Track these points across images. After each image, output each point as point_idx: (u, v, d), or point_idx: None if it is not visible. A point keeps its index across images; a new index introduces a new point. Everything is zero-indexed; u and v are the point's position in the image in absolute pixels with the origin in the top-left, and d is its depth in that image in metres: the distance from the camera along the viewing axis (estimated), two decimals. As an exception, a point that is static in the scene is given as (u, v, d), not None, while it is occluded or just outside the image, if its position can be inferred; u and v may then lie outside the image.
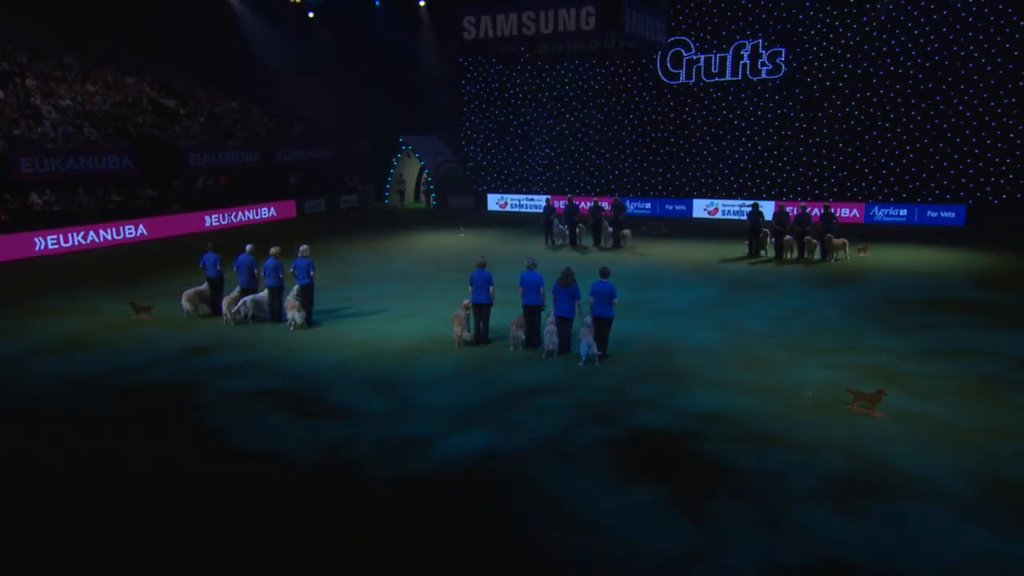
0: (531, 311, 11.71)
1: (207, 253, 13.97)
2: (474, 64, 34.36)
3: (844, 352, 11.41)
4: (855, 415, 8.85)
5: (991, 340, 11.90)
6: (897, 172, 27.11)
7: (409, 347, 11.91)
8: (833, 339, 12.11)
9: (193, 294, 13.97)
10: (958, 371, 10.44)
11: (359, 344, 12.15)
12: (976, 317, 13.30)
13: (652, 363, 10.96)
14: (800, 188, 28.71)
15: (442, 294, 15.77)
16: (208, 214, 27.04)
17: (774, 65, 28.42)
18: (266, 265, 13.35)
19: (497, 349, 11.79)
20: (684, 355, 11.34)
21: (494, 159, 35.01)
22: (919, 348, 11.53)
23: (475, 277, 11.88)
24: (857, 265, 18.46)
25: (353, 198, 34.68)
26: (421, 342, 12.19)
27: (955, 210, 25.66)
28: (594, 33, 15.41)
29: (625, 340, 12.00)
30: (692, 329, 12.85)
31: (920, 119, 26.48)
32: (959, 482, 7.19)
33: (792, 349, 11.57)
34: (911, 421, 8.69)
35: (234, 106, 33.54)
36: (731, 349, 11.64)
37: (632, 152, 31.79)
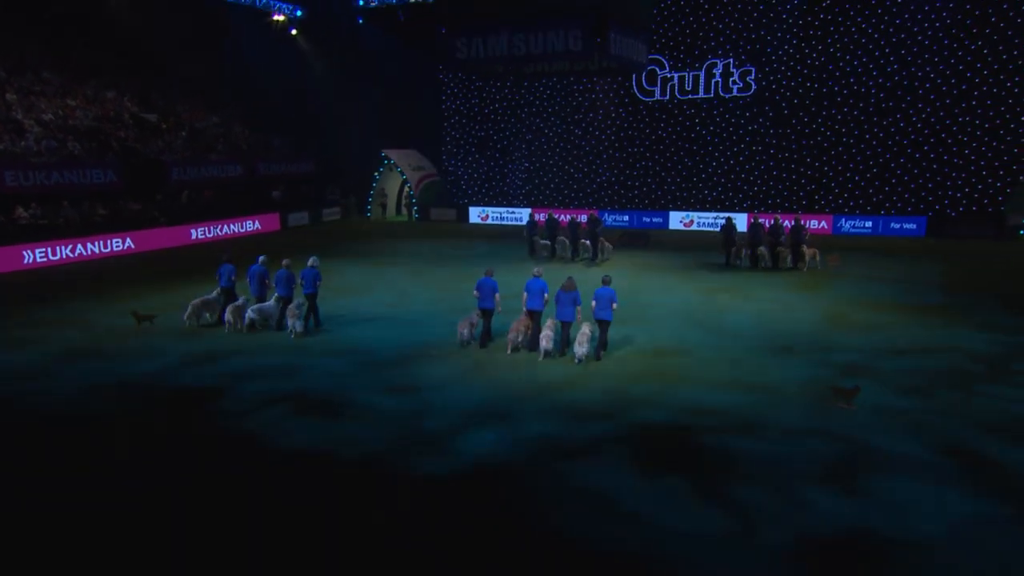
0: (535, 316, 12.48)
1: (224, 264, 14.42)
2: (455, 80, 35.01)
3: (820, 352, 12.17)
4: (835, 408, 9.58)
5: (951, 338, 12.84)
6: (862, 186, 28.37)
7: (411, 352, 12.38)
8: (809, 340, 12.87)
9: (199, 304, 14.39)
10: (924, 366, 11.31)
11: (361, 350, 12.59)
12: (937, 318, 14.25)
13: (644, 365, 11.59)
14: (771, 201, 29.82)
15: (433, 304, 16.29)
16: (194, 227, 27.18)
17: (745, 83, 29.57)
18: (278, 276, 13.80)
19: (496, 353, 12.34)
20: (673, 357, 11.98)
21: (475, 173, 35.59)
22: (888, 347, 12.35)
23: (482, 284, 12.60)
24: (828, 273, 19.37)
25: (336, 211, 34.96)
26: (422, 347, 12.66)
27: (916, 221, 26.93)
28: (581, 54, 16.20)
29: (617, 344, 12.67)
30: (679, 333, 13.50)
31: (882, 135, 27.81)
32: (935, 457, 8.06)
33: (773, 350, 12.30)
34: (886, 411, 9.47)
35: (215, 120, 33.64)
36: (716, 351, 12.31)
37: (610, 166, 32.64)
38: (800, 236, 19.91)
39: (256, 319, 13.79)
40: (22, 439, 9.07)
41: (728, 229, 20.84)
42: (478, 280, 12.76)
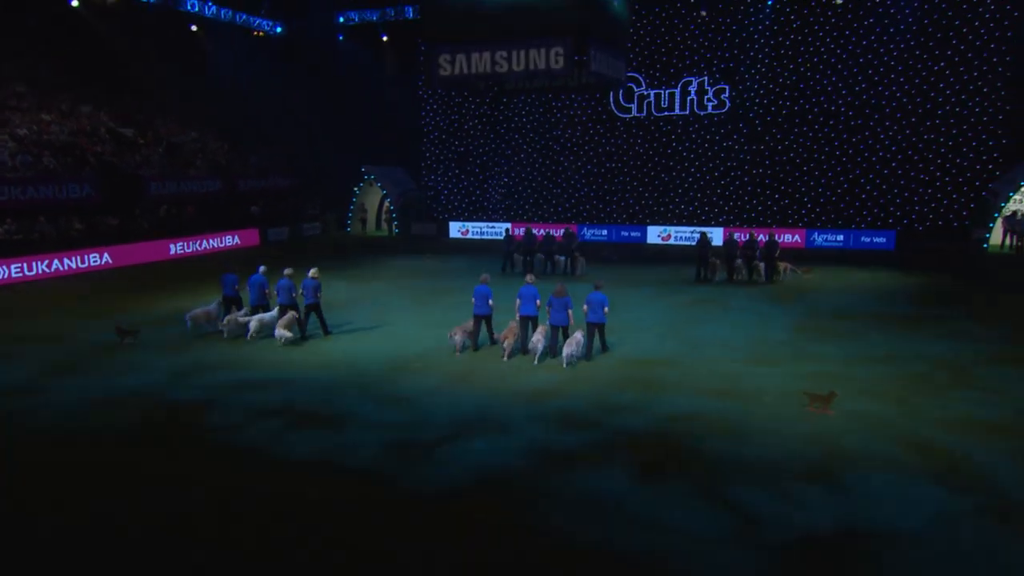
0: (526, 321, 13.07)
1: (227, 274, 14.92)
2: (434, 96, 35.32)
3: (796, 361, 12.49)
4: (812, 414, 9.91)
5: (919, 345, 13.35)
6: (833, 200, 29.15)
7: (397, 363, 12.52)
8: (785, 349, 13.26)
9: (201, 315, 14.73)
10: (894, 372, 11.74)
11: (347, 363, 12.69)
12: (907, 328, 14.74)
13: (626, 374, 11.86)
14: (746, 215, 30.47)
15: (417, 316, 16.45)
16: (173, 242, 27.04)
17: (719, 101, 30.30)
18: (279, 285, 14.23)
19: (482, 363, 12.53)
20: (654, 367, 12.22)
21: (455, 188, 35.85)
22: (861, 355, 12.75)
23: (476, 291, 13.30)
24: (802, 285, 19.81)
25: (316, 226, 34.98)
26: (409, 358, 12.83)
27: (886, 235, 27.70)
28: (562, 72, 16.54)
29: (598, 355, 12.98)
30: (658, 344, 13.75)
31: (851, 152, 28.67)
32: (907, 456, 8.48)
33: (750, 359, 12.63)
34: (860, 415, 9.84)
35: (194, 136, 33.56)
36: (696, 360, 12.61)
37: (588, 182, 33.10)
38: (773, 250, 20.31)
39: (257, 329, 14.14)
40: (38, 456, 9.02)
41: (703, 244, 21.02)
42: (475, 287, 13.40)
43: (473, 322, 13.37)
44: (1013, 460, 8.39)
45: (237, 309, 14.82)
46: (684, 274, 21.95)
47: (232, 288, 14.90)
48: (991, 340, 13.70)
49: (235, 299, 15.00)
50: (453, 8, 17.09)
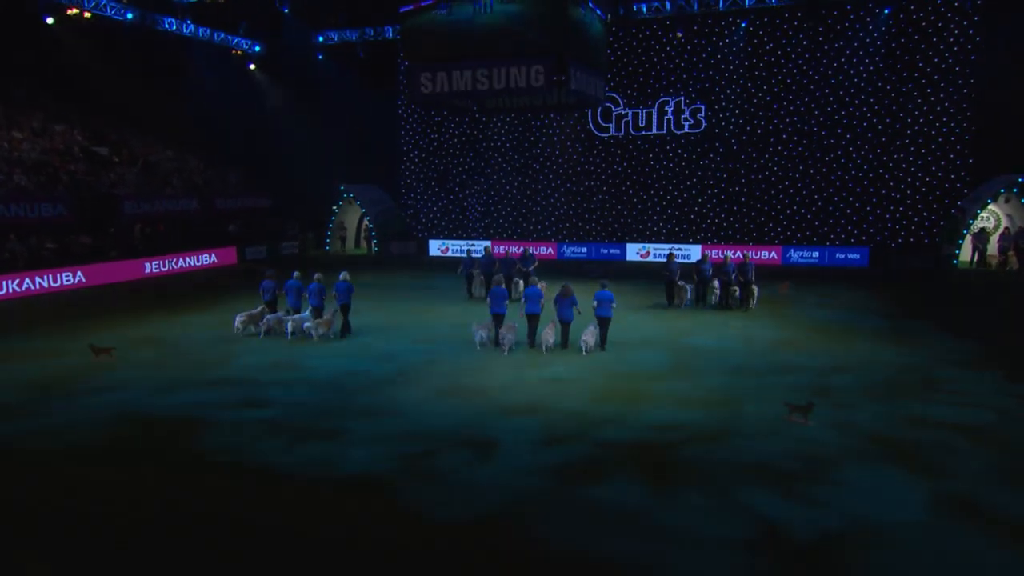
0: (533, 319, 14.63)
1: (265, 280, 16.71)
2: (412, 114, 35.59)
3: (774, 372, 12.80)
4: (792, 423, 10.16)
5: (892, 356, 13.77)
6: (808, 218, 29.76)
7: (381, 379, 12.57)
8: (763, 362, 13.53)
9: (247, 318, 16.14)
10: (868, 381, 12.14)
11: (329, 379, 12.73)
12: (880, 340, 15.16)
13: (608, 387, 12.03)
14: (723, 233, 30.96)
15: (398, 333, 16.42)
16: (148, 261, 26.82)
17: (695, 120, 30.91)
18: (310, 288, 15.59)
19: (466, 377, 12.58)
20: (634, 380, 12.40)
21: (434, 206, 36.01)
22: (835, 365, 13.13)
23: (493, 293, 14.89)
24: (779, 301, 20.13)
25: (294, 245, 34.90)
26: (394, 374, 12.89)
27: (860, 252, 28.29)
28: (542, 89, 16.88)
29: (579, 369, 13.20)
30: (638, 358, 13.98)
31: (825, 171, 29.35)
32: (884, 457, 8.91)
33: (729, 371, 12.89)
34: (837, 421, 10.14)
35: (169, 155, 33.43)
36: (675, 373, 12.84)
37: (567, 200, 33.43)
38: (748, 274, 18.53)
39: (294, 329, 15.60)
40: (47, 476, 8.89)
41: (669, 267, 19.08)
42: (491, 289, 15.07)
43: (493, 320, 14.79)
44: (983, 457, 8.90)
45: (273, 312, 16.37)
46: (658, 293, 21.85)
47: (271, 294, 16.55)
48: (960, 350, 14.19)
49: (273, 304, 16.59)
50: (434, 29, 17.37)
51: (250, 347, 15.14)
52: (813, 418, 10.18)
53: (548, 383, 12.23)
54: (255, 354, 14.50)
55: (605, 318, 14.31)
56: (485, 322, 14.84)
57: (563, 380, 12.43)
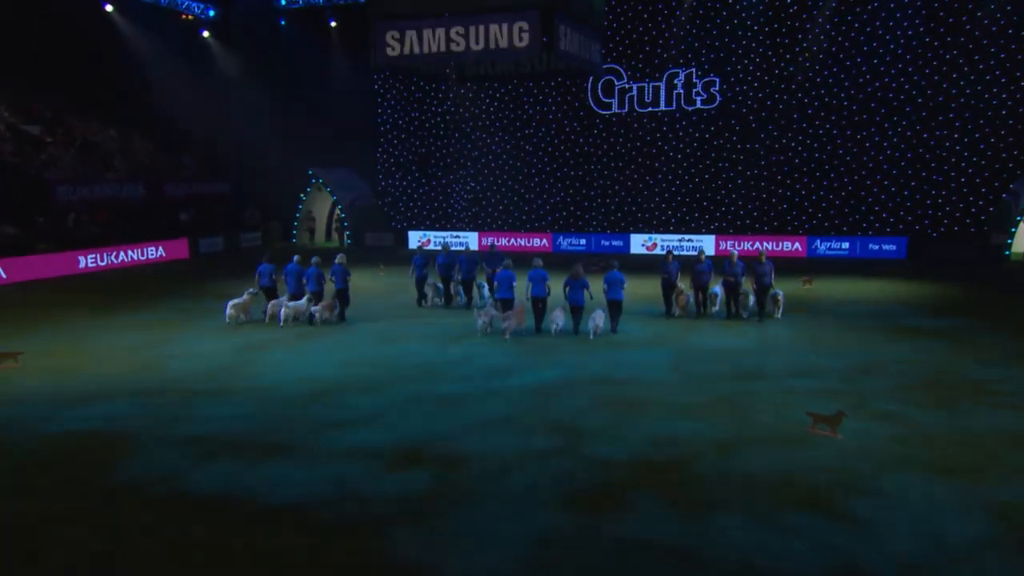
0: (537, 302, 15.32)
1: (262, 264, 17.30)
2: (390, 89, 34.93)
3: (794, 376, 12.22)
4: (816, 438, 9.45)
5: (931, 359, 13.16)
6: (837, 205, 29.04)
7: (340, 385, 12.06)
8: (783, 364, 12.91)
9: (239, 305, 16.72)
10: (903, 387, 11.51)
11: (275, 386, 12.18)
12: (919, 339, 14.61)
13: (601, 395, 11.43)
14: (740, 222, 30.29)
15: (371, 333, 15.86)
16: (82, 254, 26.11)
17: (708, 95, 30.18)
18: (308, 273, 16.45)
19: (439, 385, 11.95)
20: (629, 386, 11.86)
21: (414, 193, 35.41)
22: (865, 368, 12.52)
23: (500, 277, 15.69)
24: (803, 296, 19.46)
25: (256, 236, 34.34)
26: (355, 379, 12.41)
27: (896, 242, 27.62)
28: (527, 50, 16.06)
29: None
30: (637, 359, 13.46)
31: (856, 151, 28.59)
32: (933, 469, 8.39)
33: (741, 376, 12.24)
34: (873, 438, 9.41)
35: (113, 134, 32.73)
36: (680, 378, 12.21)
37: (564, 185, 32.82)
38: (764, 278, 16.07)
39: (290, 315, 16.32)
40: None
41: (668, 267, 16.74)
42: (497, 272, 15.94)
43: (500, 305, 15.59)
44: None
45: (272, 299, 16.94)
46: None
47: (269, 278, 17.17)
48: (1010, 349, 13.73)
49: (272, 289, 17.20)
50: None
51: (189, 349, 14.60)
52: (842, 430, 9.49)
53: (530, 390, 11.71)
54: (193, 359, 13.91)
55: (616, 301, 15.17)
56: (487, 308, 15.61)
57: (547, 386, 11.92)
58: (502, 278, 15.75)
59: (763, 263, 16.02)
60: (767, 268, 16.01)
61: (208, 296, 20.69)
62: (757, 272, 16.08)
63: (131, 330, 16.44)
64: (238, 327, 16.45)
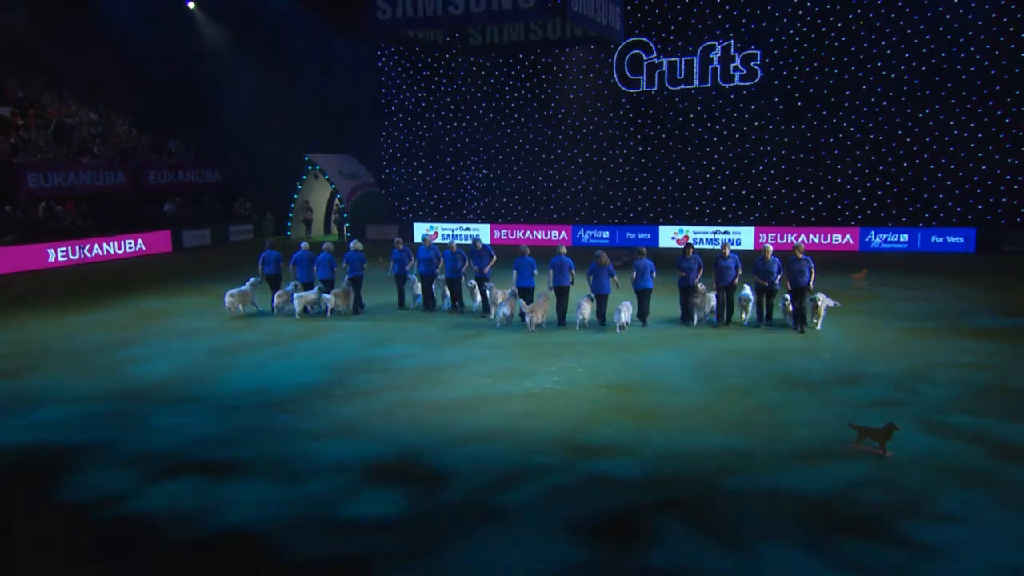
0: (560, 292, 15.57)
1: (267, 251, 17.66)
2: (395, 67, 34.80)
3: (842, 384, 11.76)
4: (861, 455, 8.99)
5: (1001, 366, 12.59)
6: (895, 192, 28.33)
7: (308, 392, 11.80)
8: (828, 372, 12.46)
9: (238, 295, 16.92)
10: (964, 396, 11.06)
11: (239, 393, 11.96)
12: (986, 342, 14.08)
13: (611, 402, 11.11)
14: (783, 213, 29.72)
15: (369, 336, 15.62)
16: (52, 247, 26.25)
17: (749, 70, 29.58)
18: (319, 259, 16.84)
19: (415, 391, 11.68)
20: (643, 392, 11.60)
21: (421, 182, 35.31)
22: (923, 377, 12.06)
23: (520, 263, 15.65)
24: (853, 294, 18.95)
25: (247, 229, 34.48)
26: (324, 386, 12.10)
27: (963, 234, 26.90)
28: (535, 12, 15.59)
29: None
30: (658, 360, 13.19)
31: (919, 131, 27.80)
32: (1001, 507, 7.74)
33: (779, 385, 11.81)
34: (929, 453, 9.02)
35: (93, 117, 32.95)
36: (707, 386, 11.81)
37: (587, 172, 32.54)
38: (800, 276, 14.71)
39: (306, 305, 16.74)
40: None
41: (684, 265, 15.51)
42: (515, 260, 15.78)
43: (519, 294, 15.65)
44: None
45: (277, 288, 17.27)
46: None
47: (275, 265, 17.46)
48: None
49: (277, 277, 17.54)
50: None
51: (156, 352, 14.36)
52: (893, 445, 8.95)
53: (533, 397, 11.41)
54: (159, 362, 13.63)
55: (645, 290, 15.28)
56: (507, 296, 15.77)
57: (552, 393, 11.59)
58: (521, 265, 15.71)
59: (800, 259, 14.69)
60: (804, 265, 14.69)
61: (187, 293, 20.56)
62: (793, 270, 14.71)
63: (96, 330, 16.25)
64: (234, 319, 16.73)
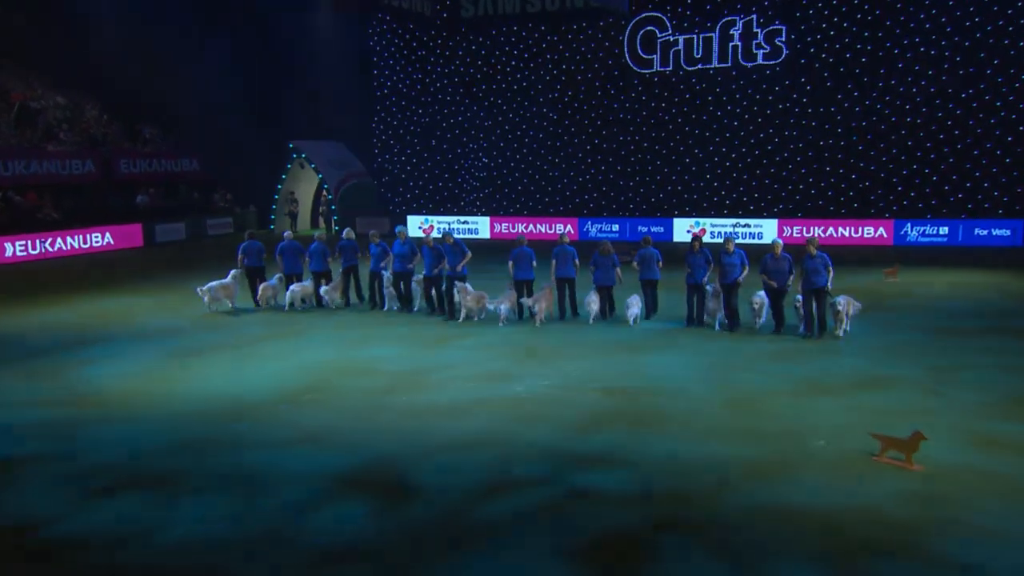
0: (564, 283, 15.80)
1: (250, 241, 17.67)
2: (388, 46, 34.78)
3: (866, 388, 11.65)
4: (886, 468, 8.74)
5: None
6: (934, 181, 28.13)
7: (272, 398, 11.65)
8: (854, 374, 12.38)
9: (220, 288, 17.07)
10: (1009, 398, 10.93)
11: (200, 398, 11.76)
12: None
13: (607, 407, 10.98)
14: (810, 204, 29.64)
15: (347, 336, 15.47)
16: (10, 241, 26.33)
17: (773, 47, 29.43)
18: (311, 250, 17.09)
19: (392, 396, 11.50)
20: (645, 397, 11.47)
21: (416, 171, 35.44)
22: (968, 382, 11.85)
23: (518, 255, 15.59)
24: (885, 291, 18.89)
25: (226, 222, 34.58)
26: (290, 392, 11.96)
27: (1010, 226, 26.81)
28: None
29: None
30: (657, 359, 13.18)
31: (960, 113, 27.50)
32: None
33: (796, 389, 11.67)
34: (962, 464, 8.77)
35: (60, 100, 32.99)
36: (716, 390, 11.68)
37: (595, 160, 32.61)
38: (814, 277, 13.85)
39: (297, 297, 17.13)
40: None
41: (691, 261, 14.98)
42: (512, 251, 15.82)
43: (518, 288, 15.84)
44: None
45: (261, 281, 17.50)
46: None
47: (258, 257, 17.52)
48: None
49: (260, 270, 17.66)
50: None
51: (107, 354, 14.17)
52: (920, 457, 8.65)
53: (519, 402, 11.30)
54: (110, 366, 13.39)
55: (651, 280, 15.61)
56: (507, 294, 15.77)
57: (541, 397, 11.48)
58: (519, 256, 15.76)
59: (814, 256, 13.88)
60: (819, 263, 13.86)
61: (154, 291, 20.53)
62: (806, 269, 13.90)
63: (50, 329, 16.17)
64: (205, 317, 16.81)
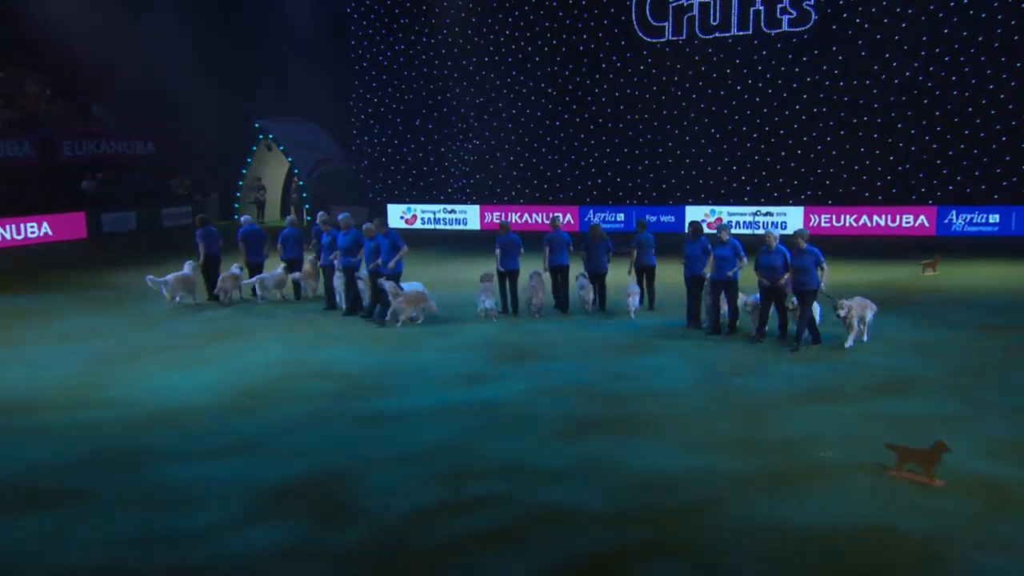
0: (557, 272, 16.24)
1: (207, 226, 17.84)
2: (367, 14, 34.89)
3: (889, 394, 11.64)
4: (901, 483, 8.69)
5: None
6: (984, 163, 28.15)
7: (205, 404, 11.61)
8: (873, 377, 12.40)
9: (180, 280, 17.45)
10: None
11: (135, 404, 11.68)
12: None
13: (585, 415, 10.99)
14: (841, 189, 29.64)
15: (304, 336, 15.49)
16: None
17: (800, 12, 29.34)
18: (283, 236, 17.48)
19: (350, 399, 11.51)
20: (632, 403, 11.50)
21: (398, 154, 35.53)
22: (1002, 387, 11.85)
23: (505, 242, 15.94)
24: (921, 285, 19.09)
25: (184, 212, 34.76)
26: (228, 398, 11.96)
27: (1069, 215, 26.76)
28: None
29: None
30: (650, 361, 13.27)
31: (1015, 86, 27.33)
32: None
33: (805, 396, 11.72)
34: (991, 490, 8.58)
35: (-3, 76, 33.11)
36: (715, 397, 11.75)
37: (599, 143, 32.71)
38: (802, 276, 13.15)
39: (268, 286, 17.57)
40: None
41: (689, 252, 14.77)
42: (498, 238, 16.21)
43: (507, 277, 16.26)
44: None
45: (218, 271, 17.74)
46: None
47: (216, 245, 17.72)
48: None
49: (217, 258, 17.87)
50: None
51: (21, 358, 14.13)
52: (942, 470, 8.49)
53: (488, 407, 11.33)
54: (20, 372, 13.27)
55: (649, 267, 16.18)
56: (487, 282, 15.97)
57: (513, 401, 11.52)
58: (506, 243, 16.05)
59: (803, 251, 13.22)
60: (808, 260, 13.16)
61: (87, 287, 20.49)
62: (794, 267, 13.20)
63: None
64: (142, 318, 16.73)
